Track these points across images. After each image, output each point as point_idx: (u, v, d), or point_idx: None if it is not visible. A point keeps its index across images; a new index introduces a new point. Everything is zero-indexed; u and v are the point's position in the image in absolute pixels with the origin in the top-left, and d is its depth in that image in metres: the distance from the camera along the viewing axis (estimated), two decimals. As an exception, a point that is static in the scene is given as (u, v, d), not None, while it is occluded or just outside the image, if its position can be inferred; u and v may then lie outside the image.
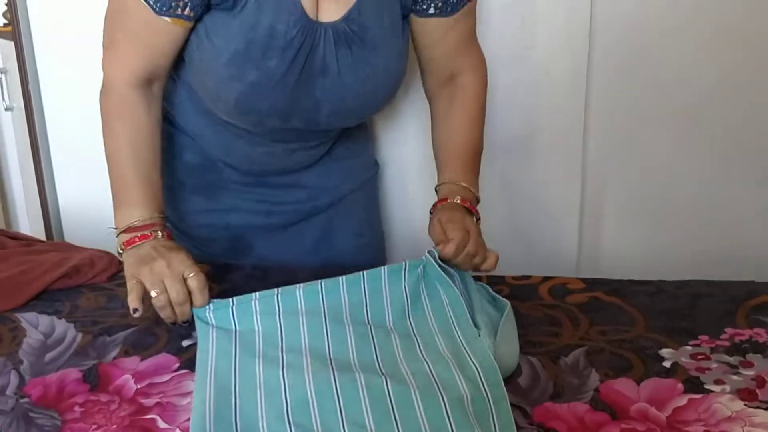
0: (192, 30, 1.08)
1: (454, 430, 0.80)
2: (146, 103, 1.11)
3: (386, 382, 0.88)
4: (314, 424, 0.82)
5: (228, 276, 1.23)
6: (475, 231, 1.11)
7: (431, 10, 1.16)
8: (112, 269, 1.28)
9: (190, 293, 1.02)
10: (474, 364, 0.90)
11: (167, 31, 1.06)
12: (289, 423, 0.82)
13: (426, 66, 1.26)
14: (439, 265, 1.03)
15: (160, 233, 1.07)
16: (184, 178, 1.30)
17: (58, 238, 1.82)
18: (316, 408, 0.84)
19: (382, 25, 1.12)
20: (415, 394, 0.85)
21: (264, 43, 1.06)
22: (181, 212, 1.32)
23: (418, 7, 1.16)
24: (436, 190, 1.22)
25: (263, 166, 1.29)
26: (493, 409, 0.84)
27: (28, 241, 1.43)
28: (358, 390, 0.86)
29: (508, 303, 1.05)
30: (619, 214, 1.69)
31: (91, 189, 1.78)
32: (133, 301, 1.00)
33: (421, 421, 0.81)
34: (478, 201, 1.21)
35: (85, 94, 1.61)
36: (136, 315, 1.00)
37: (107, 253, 1.32)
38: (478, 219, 1.18)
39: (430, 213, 1.18)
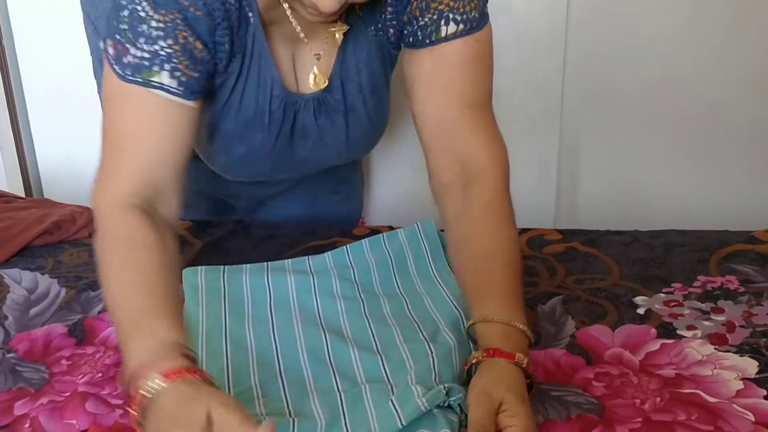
0: None
1: (437, 383, 0.80)
2: (152, 223, 0.88)
3: (375, 337, 0.91)
4: (307, 381, 0.84)
5: (210, 230, 1.24)
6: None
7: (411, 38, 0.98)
8: (93, 225, 1.27)
9: None
10: (457, 309, 0.93)
11: (194, 115, 0.92)
12: (283, 382, 0.85)
13: (423, 142, 1.01)
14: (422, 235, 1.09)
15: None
16: None
17: (36, 194, 1.82)
18: (308, 366, 0.87)
19: (365, 85, 1.04)
20: (404, 348, 0.88)
21: (250, 122, 1.01)
22: None
23: (410, 39, 0.98)
24: (469, 332, 0.88)
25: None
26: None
27: (7, 198, 1.42)
28: (348, 347, 0.89)
29: None
30: (596, 166, 1.70)
31: (69, 145, 1.77)
32: None
33: (409, 376, 0.82)
34: (531, 345, 0.87)
35: (61, 48, 1.60)
36: None
37: (87, 208, 1.32)
38: (532, 387, 0.81)
39: (473, 366, 0.81)
